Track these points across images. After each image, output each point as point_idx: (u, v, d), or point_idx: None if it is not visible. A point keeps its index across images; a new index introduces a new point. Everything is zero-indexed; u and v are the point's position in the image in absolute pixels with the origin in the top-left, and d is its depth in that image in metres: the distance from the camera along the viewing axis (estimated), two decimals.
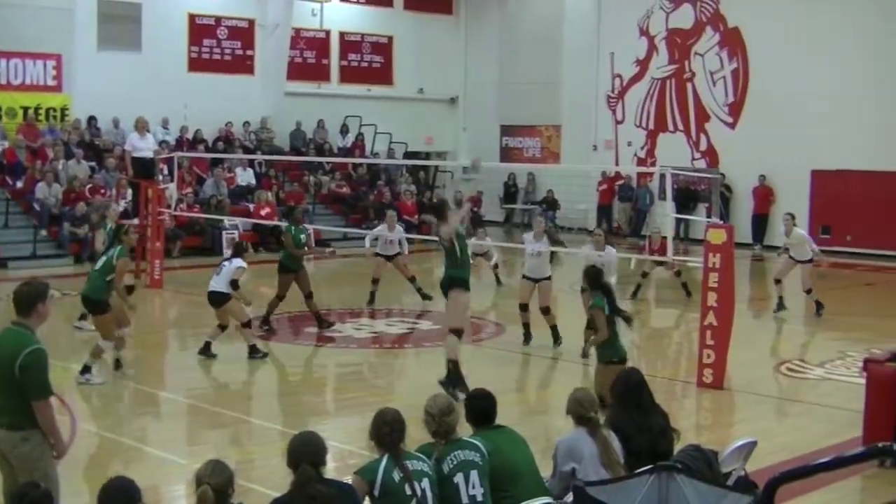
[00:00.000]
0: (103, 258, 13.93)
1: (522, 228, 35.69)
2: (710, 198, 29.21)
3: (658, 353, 17.18)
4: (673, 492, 6.08)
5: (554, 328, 16.04)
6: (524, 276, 16.36)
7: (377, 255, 20.42)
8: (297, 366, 15.46)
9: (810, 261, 19.49)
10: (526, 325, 16.23)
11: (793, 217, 20.06)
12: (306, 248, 17.93)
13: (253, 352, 14.89)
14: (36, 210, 25.76)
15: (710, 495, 6.04)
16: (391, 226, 20.28)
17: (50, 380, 7.30)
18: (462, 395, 11.39)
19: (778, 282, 20.05)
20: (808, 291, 19.63)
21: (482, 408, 7.41)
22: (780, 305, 19.71)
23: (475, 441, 6.98)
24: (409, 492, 6.49)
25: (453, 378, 12.58)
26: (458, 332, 12.91)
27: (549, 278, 16.16)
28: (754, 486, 6.96)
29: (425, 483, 6.57)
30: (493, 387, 7.78)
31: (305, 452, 6.20)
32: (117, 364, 13.98)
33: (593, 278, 11.87)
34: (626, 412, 7.81)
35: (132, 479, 5.65)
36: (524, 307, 16.15)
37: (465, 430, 7.42)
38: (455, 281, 12.87)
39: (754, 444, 7.88)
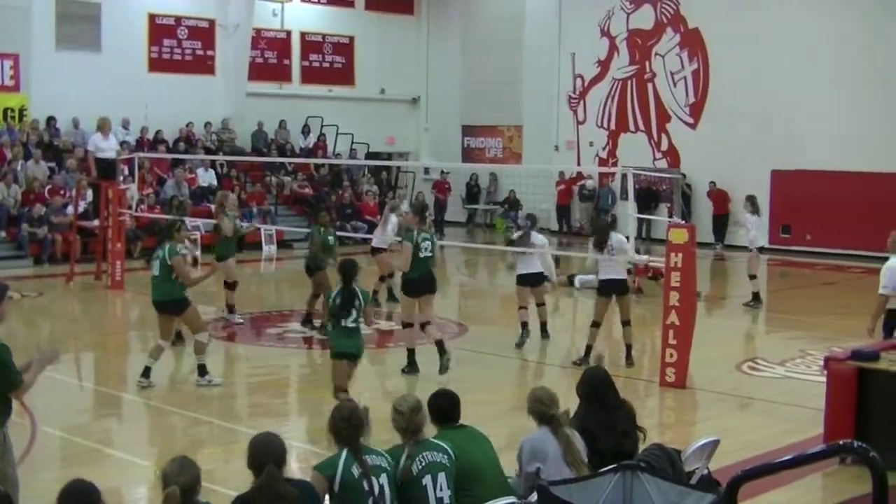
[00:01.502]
0: (156, 262, 13.61)
1: (484, 229, 35.90)
2: (672, 198, 29.36)
3: (620, 351, 17.23)
4: (637, 491, 6.12)
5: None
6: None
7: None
8: (259, 367, 15.39)
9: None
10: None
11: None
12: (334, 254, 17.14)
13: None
14: None
15: (673, 494, 6.08)
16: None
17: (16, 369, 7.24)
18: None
19: (753, 276, 20.59)
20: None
21: (444, 407, 7.41)
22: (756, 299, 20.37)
23: (442, 443, 6.97)
24: (366, 487, 6.48)
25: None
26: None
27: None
28: (717, 485, 7.00)
29: (383, 479, 6.57)
30: (459, 386, 7.79)
31: (267, 452, 6.16)
32: (146, 372, 13.79)
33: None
34: (592, 411, 7.83)
35: (91, 481, 5.59)
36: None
37: (429, 429, 7.44)
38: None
39: (717, 442, 7.91)
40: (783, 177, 29.35)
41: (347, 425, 6.62)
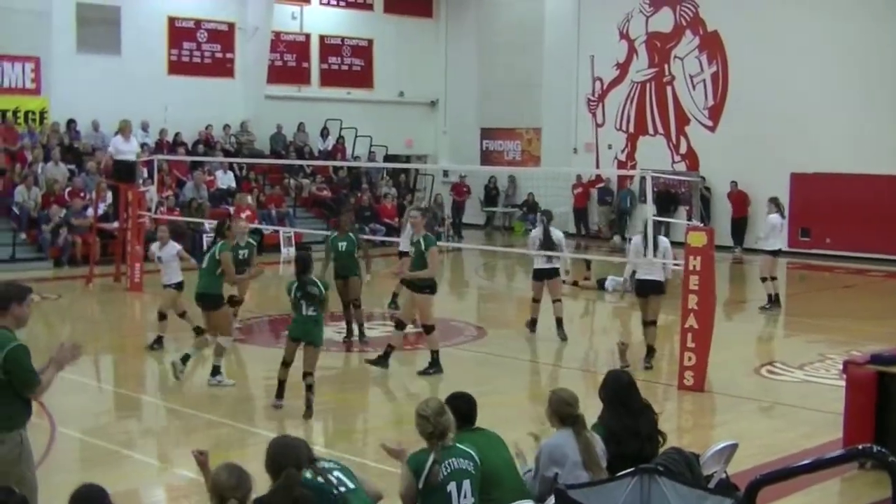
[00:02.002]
0: (207, 255, 14.24)
1: (503, 231, 35.87)
2: (691, 200, 29.30)
3: (639, 355, 17.20)
4: (655, 494, 6.09)
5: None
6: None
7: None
8: (276, 369, 15.36)
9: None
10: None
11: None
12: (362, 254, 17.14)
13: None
14: (15, 213, 25.65)
15: (691, 498, 6.05)
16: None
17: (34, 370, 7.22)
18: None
19: (764, 279, 20.56)
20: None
21: (462, 409, 7.36)
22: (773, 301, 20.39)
23: (469, 449, 6.86)
24: (448, 490, 6.58)
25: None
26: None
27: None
28: (735, 489, 6.98)
29: (465, 485, 6.66)
30: (477, 389, 7.78)
31: (287, 455, 6.10)
32: (215, 371, 13.90)
33: None
34: (617, 415, 7.78)
35: (101, 485, 5.58)
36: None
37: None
38: None
39: (735, 446, 7.89)
40: (802, 180, 29.23)
41: (437, 422, 6.71)
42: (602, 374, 14.76)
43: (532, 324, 17.24)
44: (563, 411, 7.35)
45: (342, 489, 6.29)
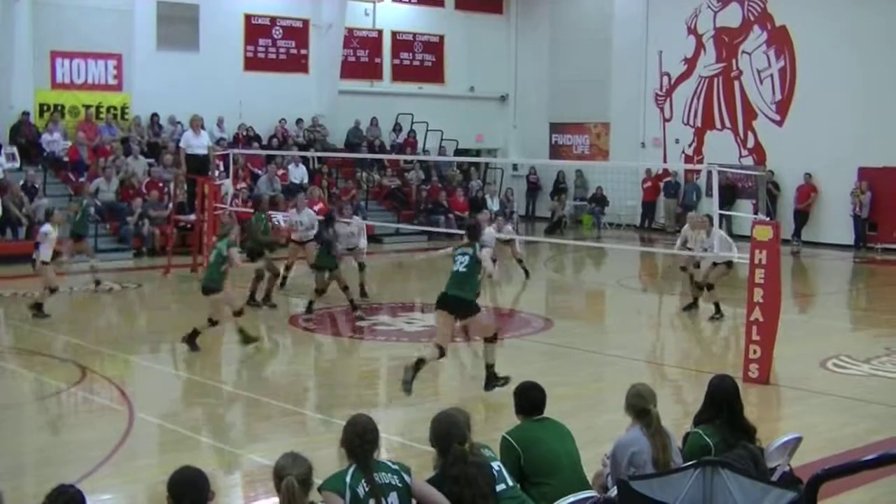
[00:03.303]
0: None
1: (573, 225, 35.75)
2: (757, 194, 29.01)
3: (704, 347, 17.12)
4: (717, 487, 6.04)
5: None
6: None
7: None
8: (349, 358, 15.47)
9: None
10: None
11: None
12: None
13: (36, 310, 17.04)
14: (97, 205, 25.99)
15: (755, 491, 6.00)
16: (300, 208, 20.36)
17: None
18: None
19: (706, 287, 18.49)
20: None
21: (533, 399, 7.43)
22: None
23: (394, 465, 6.37)
24: None
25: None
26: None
27: None
28: (798, 482, 6.90)
29: (393, 498, 6.15)
30: (543, 380, 7.76)
31: (451, 433, 6.41)
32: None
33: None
34: (718, 428, 7.37)
35: (199, 468, 5.63)
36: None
37: (513, 419, 7.48)
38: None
39: (799, 440, 7.81)
40: (871, 174, 28.82)
41: (361, 442, 6.25)
42: (668, 367, 14.85)
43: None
44: (636, 404, 7.22)
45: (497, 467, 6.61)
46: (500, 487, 6.59)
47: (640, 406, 7.20)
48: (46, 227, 17.42)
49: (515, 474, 6.90)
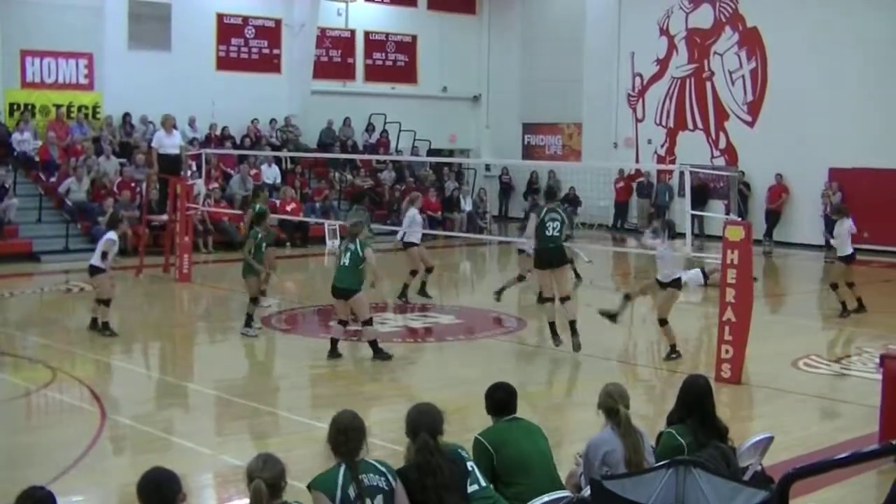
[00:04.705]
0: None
1: None
2: (728, 194, 29.10)
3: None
4: (690, 486, 6.06)
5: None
6: None
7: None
8: (321, 359, 15.43)
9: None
10: None
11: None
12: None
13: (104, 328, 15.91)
14: (68, 206, 25.90)
15: (726, 490, 6.02)
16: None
17: None
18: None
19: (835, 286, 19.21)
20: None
21: (500, 399, 7.41)
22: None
23: (381, 466, 6.31)
24: None
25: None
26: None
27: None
28: (770, 481, 6.93)
29: (378, 500, 6.09)
30: (514, 380, 7.77)
31: (421, 422, 6.49)
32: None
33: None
34: (690, 428, 7.39)
35: (170, 469, 5.59)
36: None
37: (485, 420, 7.48)
38: None
39: (771, 439, 7.83)
40: (841, 174, 28.99)
41: (346, 439, 6.19)
42: (641, 367, 14.89)
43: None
44: (605, 403, 7.23)
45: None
46: (473, 488, 6.57)
47: (609, 406, 7.20)
48: (113, 235, 16.25)
49: (488, 475, 6.87)
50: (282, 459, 5.79)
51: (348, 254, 14.37)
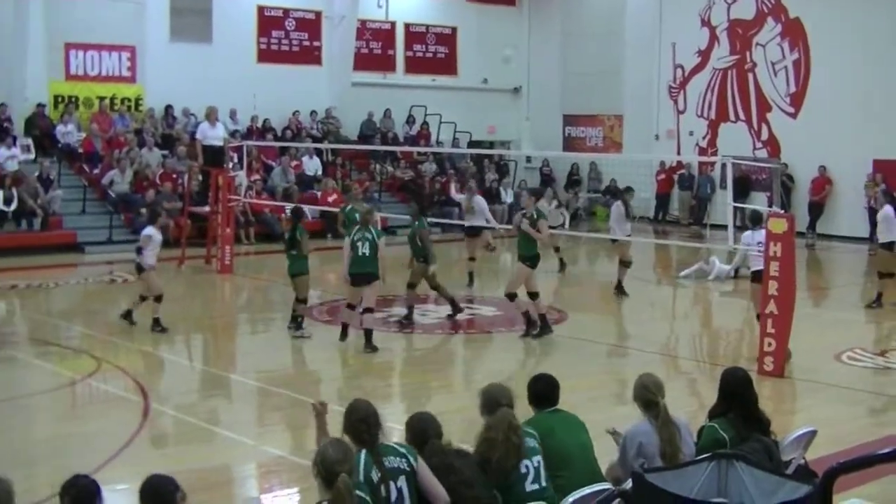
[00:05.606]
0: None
1: (587, 217, 35.71)
2: (771, 187, 28.91)
3: (719, 340, 17.11)
4: (732, 479, 6.04)
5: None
6: None
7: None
8: (362, 350, 15.47)
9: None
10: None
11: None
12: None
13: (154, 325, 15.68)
14: (111, 197, 26.10)
15: (769, 483, 5.99)
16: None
17: None
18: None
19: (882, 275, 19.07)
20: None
21: (541, 391, 7.42)
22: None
23: (401, 448, 6.43)
24: (384, 493, 6.11)
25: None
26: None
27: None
28: (813, 476, 6.89)
29: (401, 482, 6.19)
30: (556, 372, 7.75)
31: (427, 428, 6.59)
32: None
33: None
34: (732, 421, 7.30)
35: (170, 476, 5.62)
36: None
37: (527, 410, 7.45)
38: None
39: (814, 433, 7.81)
40: (884, 166, 28.72)
41: (367, 427, 6.31)
42: (682, 359, 14.85)
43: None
44: (643, 396, 7.23)
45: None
46: (533, 487, 6.68)
47: (647, 398, 7.22)
48: (150, 230, 15.92)
49: None
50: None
51: (367, 242, 14.58)
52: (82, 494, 5.41)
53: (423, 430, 6.64)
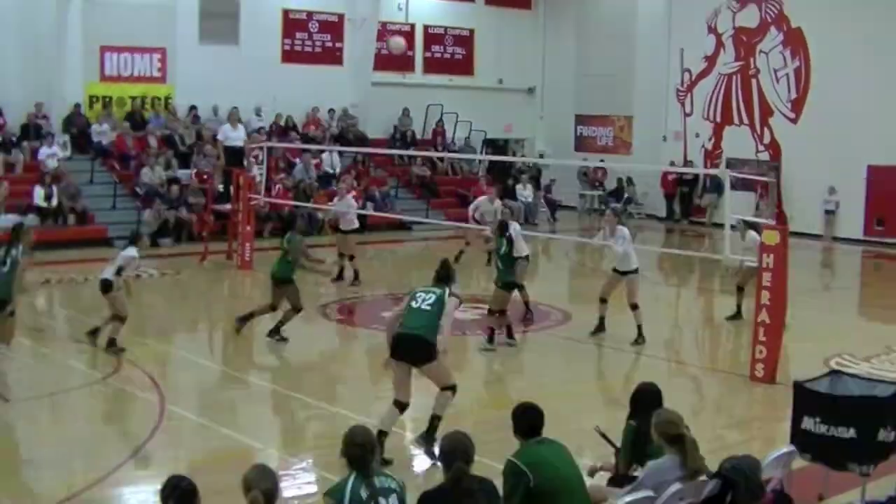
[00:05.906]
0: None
1: (594, 215, 35.58)
2: (767, 189, 28.88)
3: (715, 346, 17.06)
4: None
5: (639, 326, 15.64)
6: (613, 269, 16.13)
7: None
8: (376, 350, 15.44)
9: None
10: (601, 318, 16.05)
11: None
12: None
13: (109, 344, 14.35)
14: (139, 193, 26.14)
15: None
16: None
17: None
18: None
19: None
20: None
21: (531, 420, 7.02)
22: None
23: (390, 478, 6.37)
24: None
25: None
26: None
27: (635, 272, 15.81)
28: (789, 502, 6.85)
29: (393, 500, 6.14)
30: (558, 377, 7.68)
31: (456, 450, 6.36)
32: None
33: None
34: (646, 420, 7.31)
35: (189, 478, 5.70)
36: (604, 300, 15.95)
37: (514, 443, 7.20)
38: None
39: (794, 453, 7.75)
40: (879, 171, 28.64)
41: (362, 452, 6.23)
42: (684, 363, 14.80)
43: None
44: (670, 432, 6.94)
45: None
46: None
47: (671, 433, 6.95)
48: (133, 251, 14.68)
49: (523, 500, 6.63)
50: (276, 474, 5.96)
51: (432, 300, 10.38)
52: (185, 496, 5.61)
53: (450, 451, 6.41)
